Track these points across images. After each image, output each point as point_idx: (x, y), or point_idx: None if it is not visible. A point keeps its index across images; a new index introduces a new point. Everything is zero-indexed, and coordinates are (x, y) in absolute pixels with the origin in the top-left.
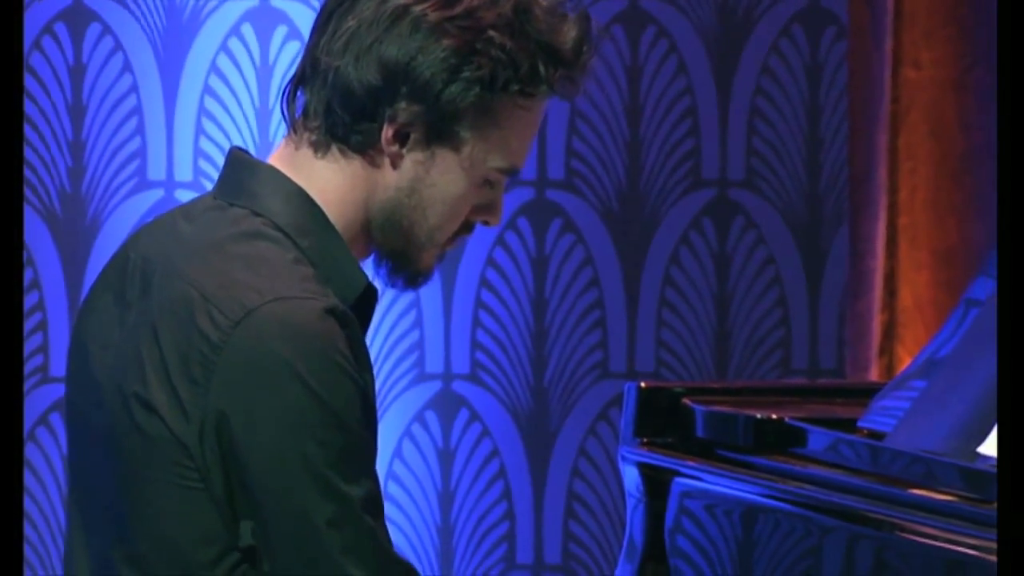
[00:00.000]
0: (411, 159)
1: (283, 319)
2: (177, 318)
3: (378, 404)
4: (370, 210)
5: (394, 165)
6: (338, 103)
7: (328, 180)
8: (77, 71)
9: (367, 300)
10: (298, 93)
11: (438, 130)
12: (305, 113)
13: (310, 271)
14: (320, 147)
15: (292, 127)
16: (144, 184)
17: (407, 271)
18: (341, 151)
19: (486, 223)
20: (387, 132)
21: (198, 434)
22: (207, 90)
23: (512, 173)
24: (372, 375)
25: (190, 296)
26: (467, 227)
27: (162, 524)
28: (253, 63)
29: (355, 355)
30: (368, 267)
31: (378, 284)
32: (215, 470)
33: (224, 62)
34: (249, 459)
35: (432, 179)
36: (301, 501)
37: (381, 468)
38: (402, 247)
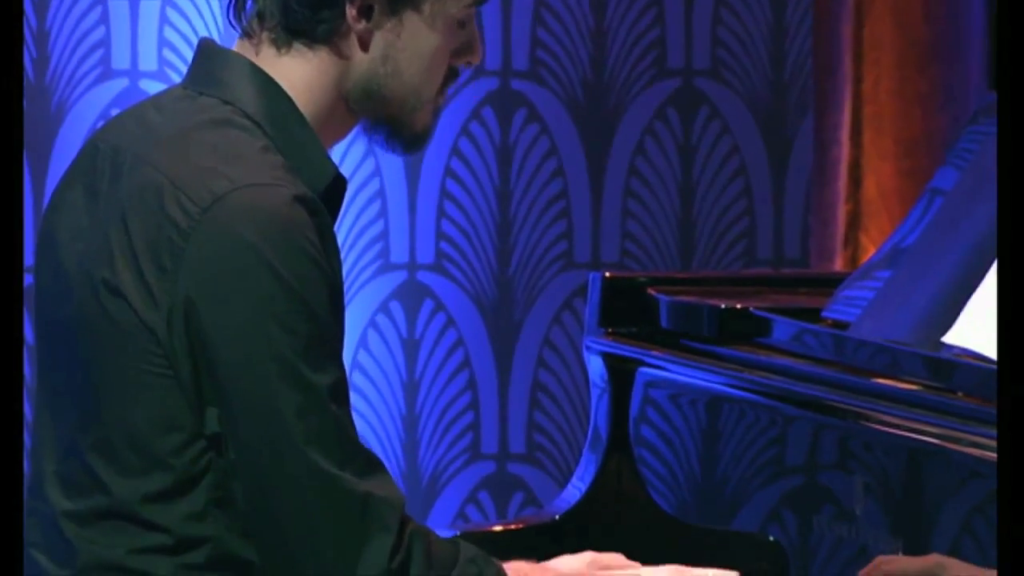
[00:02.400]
0: (379, 34)
1: (252, 205)
2: (146, 205)
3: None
4: (343, 90)
5: (363, 45)
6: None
7: (294, 71)
8: None
9: (336, 190)
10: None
11: None
12: (259, 16)
13: (279, 159)
14: (282, 44)
15: (245, 31)
16: (108, 74)
17: (404, 134)
18: (307, 44)
19: (468, 64)
20: (351, 12)
21: (166, 320)
22: None
23: (478, 2)
24: (340, 264)
25: (159, 183)
26: (453, 74)
27: (129, 410)
28: None
29: (324, 243)
30: (346, 149)
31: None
32: (183, 357)
33: None
34: (216, 345)
35: (403, 44)
36: (267, 388)
37: (346, 359)
38: (393, 112)
